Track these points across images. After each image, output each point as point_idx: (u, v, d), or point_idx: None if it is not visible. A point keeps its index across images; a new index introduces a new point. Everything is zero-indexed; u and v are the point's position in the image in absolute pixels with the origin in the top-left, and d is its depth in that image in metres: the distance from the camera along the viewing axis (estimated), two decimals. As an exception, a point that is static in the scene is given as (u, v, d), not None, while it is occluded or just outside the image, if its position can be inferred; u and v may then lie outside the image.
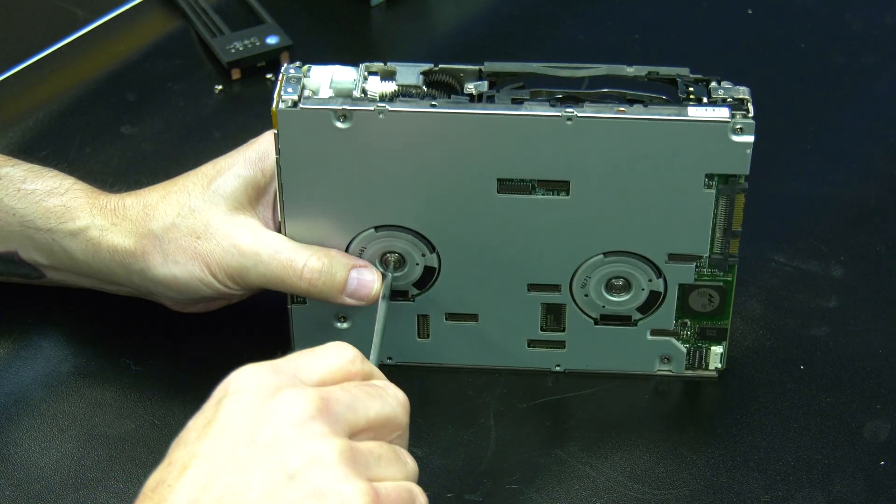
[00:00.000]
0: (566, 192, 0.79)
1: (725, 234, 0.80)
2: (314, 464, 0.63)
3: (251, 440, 0.64)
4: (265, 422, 0.64)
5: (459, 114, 0.77)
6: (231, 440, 0.64)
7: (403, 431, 0.69)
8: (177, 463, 0.64)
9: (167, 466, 0.65)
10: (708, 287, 0.81)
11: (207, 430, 0.65)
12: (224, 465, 0.63)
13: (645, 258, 0.80)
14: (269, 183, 0.82)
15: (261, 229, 0.81)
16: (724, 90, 0.78)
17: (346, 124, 0.77)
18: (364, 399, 0.67)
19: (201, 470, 0.63)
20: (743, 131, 0.76)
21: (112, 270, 0.83)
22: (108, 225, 0.82)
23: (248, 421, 0.65)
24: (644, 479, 0.80)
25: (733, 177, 0.78)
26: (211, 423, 0.65)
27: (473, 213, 0.79)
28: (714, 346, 0.84)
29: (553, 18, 1.13)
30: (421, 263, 0.82)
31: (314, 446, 0.64)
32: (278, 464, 0.63)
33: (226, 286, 0.81)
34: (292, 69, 0.79)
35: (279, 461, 0.63)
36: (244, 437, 0.64)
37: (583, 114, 0.76)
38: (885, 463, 0.81)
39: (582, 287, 0.82)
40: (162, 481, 0.64)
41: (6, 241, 0.84)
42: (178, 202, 0.81)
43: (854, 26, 1.12)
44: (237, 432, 0.64)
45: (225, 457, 0.64)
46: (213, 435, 0.64)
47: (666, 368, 0.85)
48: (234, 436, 0.64)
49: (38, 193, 0.83)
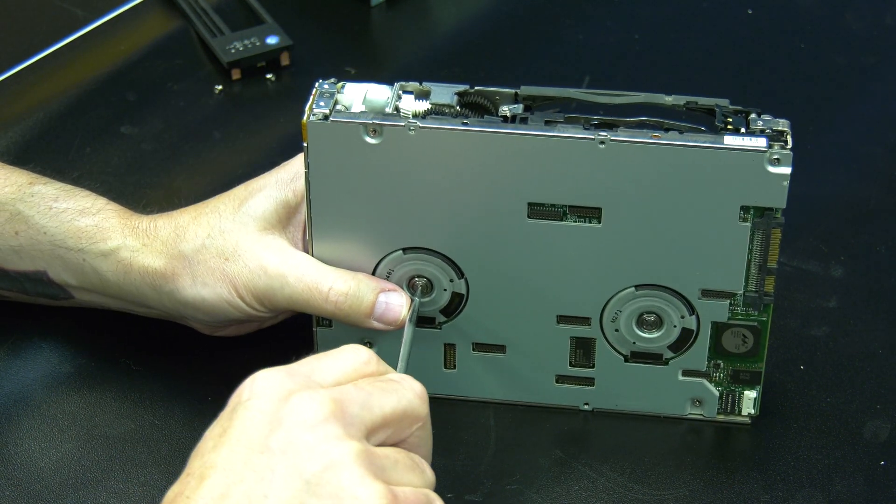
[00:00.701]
0: (598, 220, 0.77)
1: (760, 271, 0.78)
2: (330, 468, 0.63)
3: (266, 447, 0.64)
4: (279, 427, 0.64)
5: (491, 133, 0.76)
6: (246, 448, 0.64)
7: (424, 423, 0.69)
8: (194, 474, 0.64)
9: (185, 478, 0.65)
10: (742, 326, 0.80)
11: (223, 439, 0.65)
12: (240, 474, 0.63)
13: (677, 293, 0.79)
14: (301, 203, 0.81)
15: (289, 251, 0.80)
16: (764, 122, 0.77)
17: (377, 140, 0.76)
18: (379, 395, 0.67)
19: (218, 480, 0.63)
20: (780, 162, 0.75)
21: (142, 292, 0.82)
22: (139, 246, 0.82)
23: (262, 427, 0.64)
24: (644, 480, 0.80)
25: (769, 210, 0.76)
26: (226, 431, 0.65)
27: (503, 239, 0.78)
28: (747, 390, 0.82)
29: (553, 18, 1.13)
30: (449, 289, 0.81)
31: (329, 449, 0.64)
32: (294, 470, 0.63)
33: (253, 308, 0.80)
34: (326, 84, 0.78)
35: (295, 467, 0.63)
36: (259, 444, 0.64)
37: (616, 138, 0.75)
38: (885, 463, 0.81)
39: (612, 321, 0.81)
40: (180, 493, 0.64)
41: (35, 261, 0.84)
42: (209, 223, 0.81)
43: (854, 26, 1.13)
44: (252, 440, 0.64)
45: (241, 465, 0.64)
46: (228, 444, 0.64)
47: (697, 412, 0.83)
48: (249, 443, 0.64)
49: (69, 212, 0.83)
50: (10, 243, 0.83)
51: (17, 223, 0.83)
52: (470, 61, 1.10)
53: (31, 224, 0.83)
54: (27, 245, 0.83)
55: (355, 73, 1.07)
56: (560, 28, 1.13)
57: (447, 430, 0.82)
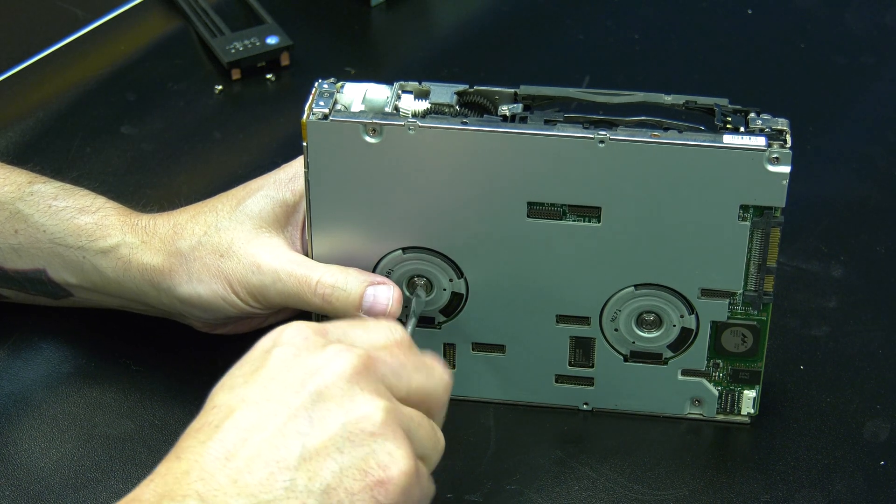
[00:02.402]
0: (597, 219, 0.77)
1: (760, 271, 0.78)
2: (365, 419, 0.65)
3: (302, 387, 0.66)
4: (315, 372, 0.66)
5: (490, 132, 0.76)
6: (281, 386, 0.66)
7: (440, 410, 0.71)
8: (222, 406, 0.66)
9: (211, 410, 0.66)
10: (741, 326, 0.80)
11: (255, 376, 0.67)
12: (274, 410, 0.65)
13: (677, 292, 0.79)
14: (299, 204, 0.81)
15: (283, 248, 0.80)
16: (763, 121, 0.77)
17: (376, 139, 0.77)
18: (410, 369, 0.70)
19: (250, 412, 0.65)
20: (779, 161, 0.75)
21: (141, 289, 0.83)
22: (138, 243, 0.82)
23: (299, 370, 0.67)
24: (644, 480, 0.80)
25: (769, 209, 0.76)
26: (259, 370, 0.67)
27: (502, 238, 0.79)
28: (747, 389, 0.82)
29: (553, 18, 1.14)
30: (448, 289, 0.81)
31: (362, 402, 0.66)
32: (330, 414, 0.65)
33: (248, 305, 0.81)
34: (326, 84, 0.79)
35: (331, 411, 0.65)
36: (295, 384, 0.66)
37: (616, 137, 0.75)
38: (885, 463, 0.81)
39: (612, 321, 0.81)
40: (207, 423, 0.66)
41: (35, 259, 0.84)
42: (207, 222, 0.82)
43: (854, 26, 1.13)
44: (287, 380, 0.66)
45: (275, 402, 0.66)
46: (261, 381, 0.67)
47: (697, 412, 0.83)
48: (285, 383, 0.66)
49: (68, 210, 0.83)
50: (9, 242, 0.83)
51: (17, 222, 0.83)
52: (469, 61, 1.10)
53: (31, 222, 0.83)
54: (26, 243, 0.83)
55: (355, 73, 1.07)
56: (560, 28, 1.13)
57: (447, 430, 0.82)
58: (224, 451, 0.64)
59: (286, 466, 0.64)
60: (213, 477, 0.64)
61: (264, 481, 0.64)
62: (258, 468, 0.64)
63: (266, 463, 0.64)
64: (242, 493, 0.63)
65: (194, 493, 0.63)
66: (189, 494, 0.63)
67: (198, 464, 0.64)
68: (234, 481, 0.63)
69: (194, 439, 0.65)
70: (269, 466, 0.64)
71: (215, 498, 0.63)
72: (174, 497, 0.63)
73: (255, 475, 0.64)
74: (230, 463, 0.64)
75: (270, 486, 0.64)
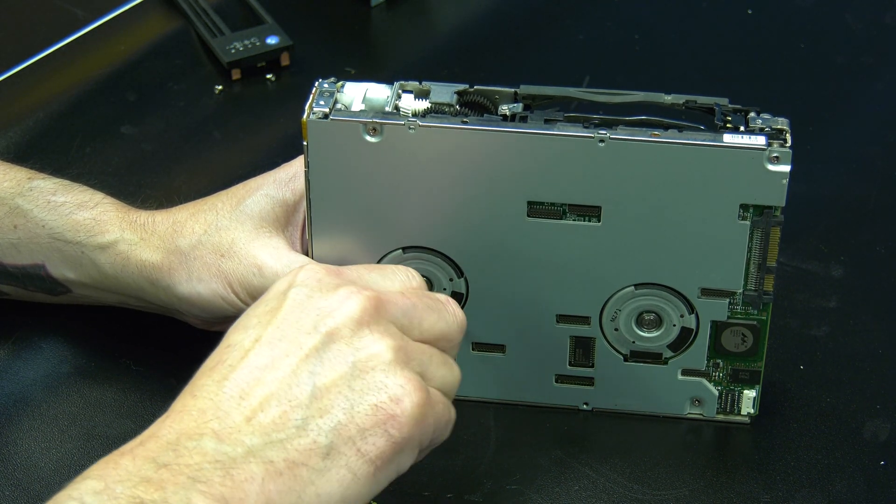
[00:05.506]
0: (597, 219, 0.77)
1: (760, 270, 0.78)
2: (371, 359, 0.68)
3: (314, 329, 0.68)
4: (327, 314, 0.68)
5: (490, 131, 0.76)
6: (295, 327, 0.68)
7: (452, 348, 0.73)
8: (237, 345, 0.68)
9: (225, 349, 0.68)
10: (741, 325, 0.80)
11: (271, 317, 0.69)
12: (286, 350, 0.67)
13: (677, 292, 0.79)
14: (299, 203, 0.82)
15: (284, 249, 0.80)
16: (763, 120, 0.77)
17: (377, 138, 0.77)
18: (422, 309, 0.71)
19: (264, 352, 0.67)
20: (779, 160, 0.75)
21: (140, 286, 0.83)
22: (137, 240, 0.82)
23: (312, 312, 0.69)
24: (644, 480, 0.80)
25: (769, 208, 0.76)
26: (276, 311, 0.69)
27: (502, 237, 0.79)
28: (747, 389, 0.82)
29: (553, 18, 1.14)
30: (448, 288, 0.81)
31: (370, 342, 0.68)
32: (341, 354, 0.67)
33: (248, 305, 0.81)
34: (326, 83, 0.79)
35: (341, 352, 0.68)
36: (308, 325, 0.68)
37: (616, 136, 0.75)
38: (885, 463, 0.81)
39: (612, 320, 0.81)
40: (221, 361, 0.68)
41: (34, 254, 0.84)
42: (206, 220, 0.82)
43: (854, 26, 1.13)
44: (300, 321, 0.68)
45: (288, 342, 0.68)
46: (275, 322, 0.69)
47: (697, 412, 0.83)
48: (298, 324, 0.68)
49: (67, 206, 0.84)
50: (8, 237, 0.84)
51: (16, 217, 0.83)
52: (469, 61, 1.10)
53: (30, 218, 0.83)
54: (25, 239, 0.83)
55: (355, 73, 1.08)
56: (560, 28, 1.13)
57: (447, 430, 0.82)
58: (238, 391, 0.66)
59: (298, 405, 0.66)
60: (229, 415, 0.65)
61: (277, 420, 0.65)
62: (271, 407, 0.66)
63: (279, 402, 0.66)
64: (256, 432, 0.65)
65: (210, 431, 0.65)
66: (205, 433, 0.65)
67: (213, 402, 0.66)
68: (248, 420, 0.65)
69: (209, 378, 0.67)
70: (282, 405, 0.66)
71: (230, 436, 0.65)
72: (191, 435, 0.64)
73: (268, 414, 0.65)
74: (244, 402, 0.66)
75: (283, 424, 0.65)
